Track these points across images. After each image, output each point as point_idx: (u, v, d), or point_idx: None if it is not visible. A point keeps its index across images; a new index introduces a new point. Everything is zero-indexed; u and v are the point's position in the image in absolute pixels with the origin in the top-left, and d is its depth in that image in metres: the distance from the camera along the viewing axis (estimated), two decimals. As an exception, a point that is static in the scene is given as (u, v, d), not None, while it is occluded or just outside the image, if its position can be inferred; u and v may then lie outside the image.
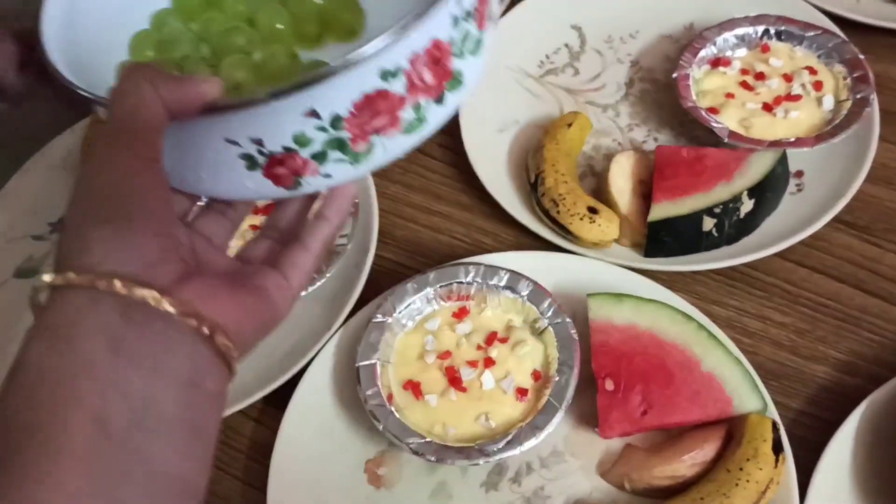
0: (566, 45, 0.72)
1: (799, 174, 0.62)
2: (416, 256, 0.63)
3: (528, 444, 0.50)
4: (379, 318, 0.56)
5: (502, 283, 0.56)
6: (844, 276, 0.58)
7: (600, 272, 0.58)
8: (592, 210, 0.59)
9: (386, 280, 0.59)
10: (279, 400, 0.55)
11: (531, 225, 0.61)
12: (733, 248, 0.59)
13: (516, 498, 0.52)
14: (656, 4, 0.72)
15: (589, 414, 0.53)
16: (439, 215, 0.65)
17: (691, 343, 0.52)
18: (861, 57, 0.64)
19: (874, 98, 0.62)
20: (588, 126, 0.66)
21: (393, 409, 0.53)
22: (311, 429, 0.55)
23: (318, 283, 0.58)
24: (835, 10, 0.69)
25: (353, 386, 0.54)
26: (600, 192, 0.62)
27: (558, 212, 0.59)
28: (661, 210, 0.57)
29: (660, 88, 0.68)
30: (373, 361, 0.54)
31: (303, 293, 0.57)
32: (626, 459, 0.52)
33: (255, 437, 0.57)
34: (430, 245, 0.63)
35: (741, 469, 0.48)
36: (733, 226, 0.58)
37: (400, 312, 0.56)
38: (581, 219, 0.58)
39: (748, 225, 0.59)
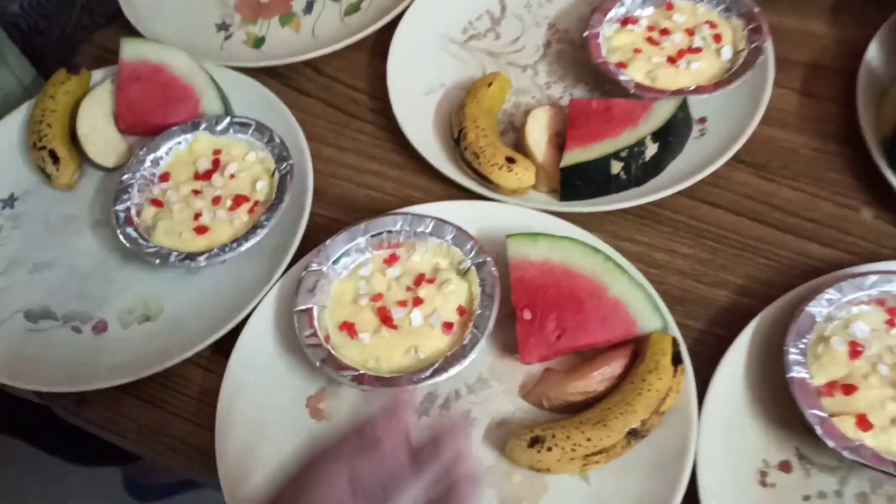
0: (488, 12, 0.77)
1: (702, 120, 0.67)
2: (350, 212, 0.67)
3: (454, 371, 0.55)
4: (314, 266, 0.60)
5: (428, 230, 0.61)
6: (743, 210, 0.64)
7: (520, 217, 0.63)
8: (510, 160, 0.63)
9: (323, 235, 0.63)
10: (225, 347, 0.59)
11: (456, 177, 0.65)
12: (642, 188, 0.64)
13: (446, 422, 0.57)
14: (571, -30, 0.77)
15: (511, 344, 0.58)
16: (372, 174, 0.69)
17: (599, 273, 0.57)
18: (756, 10, 0.69)
19: (768, 46, 0.67)
20: (507, 85, 0.70)
21: (330, 347, 0.57)
22: (255, 371, 0.59)
23: (257, 239, 0.62)
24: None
25: (293, 330, 0.58)
26: (520, 145, 0.67)
27: (479, 163, 0.64)
28: (573, 156, 0.62)
29: (575, 48, 0.73)
30: (310, 306, 0.58)
31: (242, 249, 0.61)
32: (544, 381, 0.57)
33: (205, 383, 0.61)
34: (364, 201, 0.68)
35: (643, 380, 0.53)
36: (640, 168, 0.63)
37: (334, 261, 0.61)
38: (500, 168, 0.63)
39: (654, 167, 0.64)
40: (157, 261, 0.62)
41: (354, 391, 0.58)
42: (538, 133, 0.65)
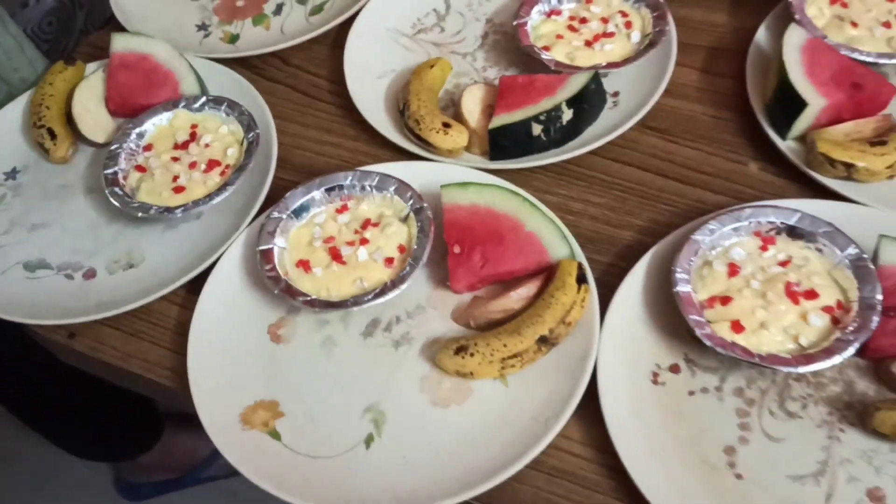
0: (434, 10, 0.88)
1: (615, 94, 0.77)
2: (310, 176, 0.76)
3: (392, 294, 0.64)
4: (275, 214, 0.69)
5: (374, 184, 0.70)
6: (648, 167, 0.73)
7: (455, 173, 0.72)
8: (446, 125, 0.73)
9: (284, 194, 0.73)
10: (198, 288, 0.68)
11: (402, 143, 0.75)
12: (561, 149, 0.73)
13: (387, 341, 0.65)
14: (506, -26, 0.88)
15: (445, 278, 0.67)
16: (330, 145, 0.79)
17: (517, 212, 0.67)
18: (661, 1, 0.80)
19: (671, 30, 0.78)
20: (448, 67, 0.80)
21: (287, 279, 0.66)
22: (223, 304, 0.68)
23: (226, 194, 0.72)
24: (647, -31, 0.85)
25: (256, 268, 0.67)
26: (457, 115, 0.77)
27: (420, 128, 0.73)
28: (499, 120, 0.72)
29: (508, 38, 0.84)
30: (270, 247, 0.68)
31: (213, 202, 0.71)
32: (471, 304, 0.66)
33: (180, 317, 0.69)
34: (322, 167, 0.77)
35: (552, 296, 0.62)
36: (558, 131, 0.73)
37: (293, 211, 0.70)
38: (437, 132, 0.73)
39: (571, 131, 0.74)
40: (140, 213, 0.71)
41: (308, 319, 0.67)
42: (472, 104, 0.76)
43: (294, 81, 0.85)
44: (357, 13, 0.86)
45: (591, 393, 0.60)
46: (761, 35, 0.78)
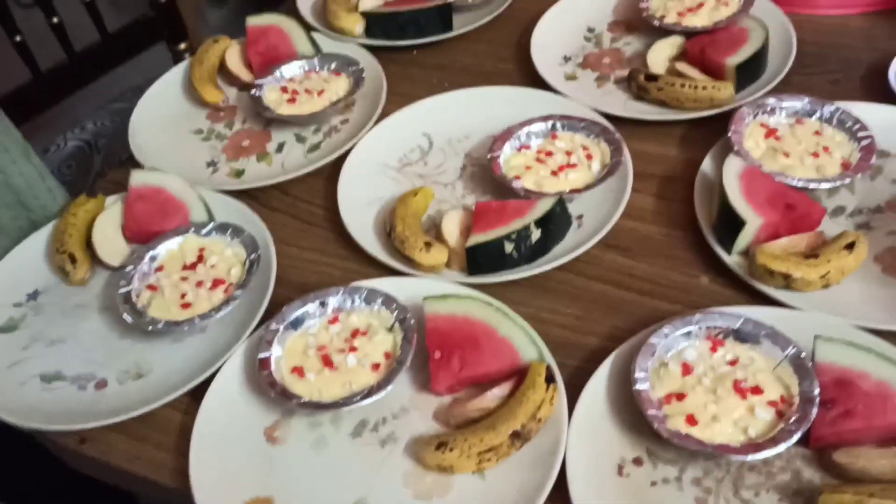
0: (419, 146, 0.98)
1: (580, 216, 0.86)
2: (305, 292, 0.84)
3: (378, 396, 0.70)
4: (273, 326, 0.77)
5: (363, 297, 0.78)
6: (610, 280, 0.81)
7: (437, 287, 0.80)
8: (428, 244, 0.82)
9: (282, 308, 0.80)
10: (201, 395, 0.75)
11: (389, 262, 0.84)
12: (532, 265, 0.82)
13: (374, 440, 0.71)
14: (481, 115, 0.99)
15: (427, 382, 0.73)
16: (324, 265, 0.88)
17: (491, 320, 0.74)
18: (618, 136, 0.90)
19: (626, 161, 0.88)
20: (430, 195, 0.90)
21: (283, 384, 0.73)
22: (223, 409, 0.74)
23: (229, 309, 0.79)
24: (606, 109, 0.96)
25: (255, 375, 0.74)
26: (438, 236, 0.85)
27: (405, 248, 0.82)
28: (475, 239, 0.81)
29: (483, 170, 0.94)
30: (268, 354, 0.75)
31: (217, 316, 0.78)
32: (451, 404, 0.72)
33: (183, 422, 0.75)
34: (316, 283, 0.85)
35: (524, 395, 0.68)
36: (528, 249, 0.81)
37: (290, 323, 0.77)
38: (420, 250, 0.81)
39: (540, 249, 0.82)
40: (150, 328, 0.79)
41: (301, 421, 0.73)
42: (452, 226, 0.84)
43: (293, 210, 0.94)
44: (350, 150, 0.96)
45: (562, 484, 0.65)
46: (706, 165, 0.88)
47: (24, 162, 0.96)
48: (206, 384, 0.75)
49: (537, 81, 1.03)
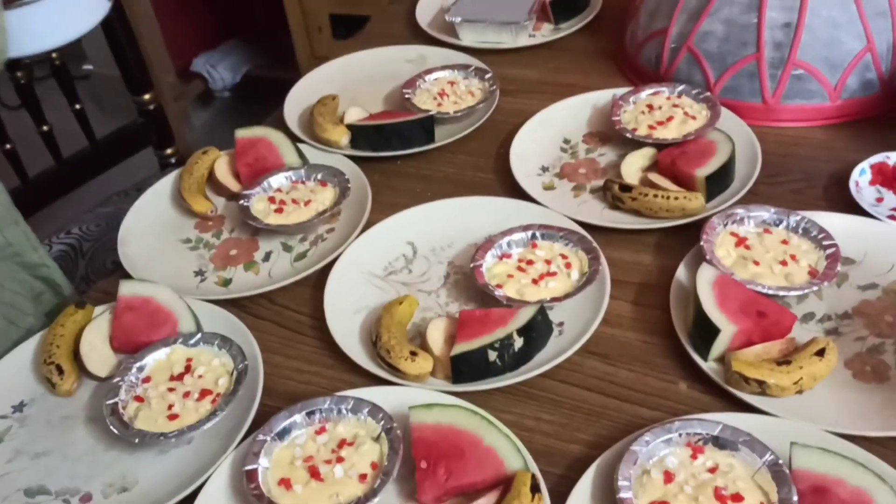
0: (403, 255, 1.01)
1: (561, 324, 0.89)
2: (293, 402, 0.85)
3: (365, 509, 0.71)
4: (261, 437, 0.77)
5: (349, 407, 0.79)
6: (591, 387, 0.83)
7: (423, 396, 0.81)
8: (413, 353, 0.84)
9: (269, 418, 0.81)
10: (187, 508, 0.75)
11: (375, 370, 0.85)
12: (515, 372, 0.84)
13: (361, 554, 0.71)
14: (464, 224, 1.03)
15: (414, 491, 0.74)
16: (310, 373, 0.89)
17: (477, 429, 0.75)
18: (595, 245, 0.94)
19: (604, 268, 0.91)
20: (415, 304, 0.92)
21: (269, 497, 0.73)
22: (210, 522, 0.74)
23: (216, 420, 0.80)
24: (583, 219, 1.00)
25: (242, 489, 0.74)
26: (423, 344, 0.87)
27: (391, 357, 0.84)
28: (459, 348, 0.83)
29: (466, 278, 0.97)
30: (255, 467, 0.75)
31: (204, 428, 0.79)
32: (437, 516, 0.72)
33: (168, 537, 0.75)
34: (303, 393, 0.86)
35: (509, 505, 0.69)
36: (511, 357, 0.83)
37: (277, 433, 0.78)
38: (405, 360, 0.83)
39: (523, 356, 0.84)
40: (136, 440, 0.79)
41: (289, 533, 0.73)
42: (436, 335, 0.87)
43: (279, 318, 0.96)
44: (336, 259, 0.99)
45: None
46: (681, 272, 0.92)
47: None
48: (192, 497, 0.75)
49: (517, 191, 1.07)
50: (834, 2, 1.10)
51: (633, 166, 1.08)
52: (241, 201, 1.07)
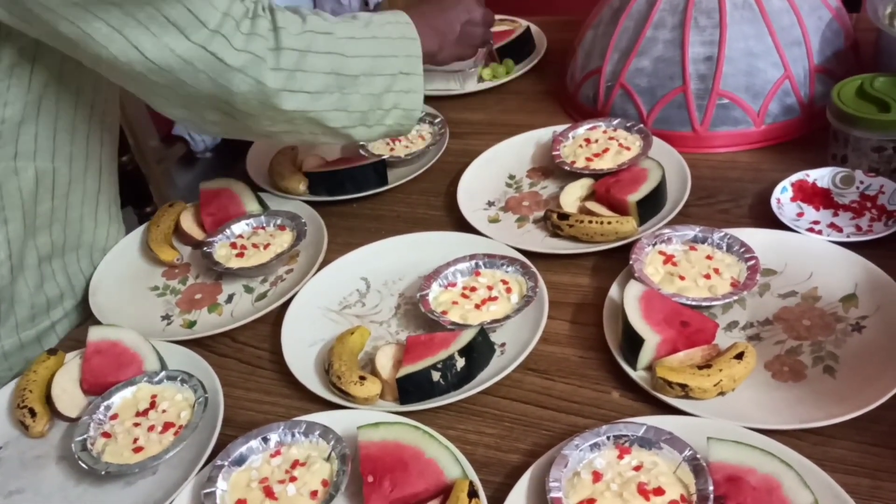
0: (357, 290, 1.07)
1: (503, 344, 0.95)
2: (251, 430, 0.90)
3: (315, 522, 0.76)
4: (219, 462, 0.82)
5: (302, 431, 0.85)
6: (530, 401, 0.89)
7: (371, 417, 0.86)
8: (362, 378, 0.89)
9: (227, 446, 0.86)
10: (151, 533, 0.79)
11: (328, 397, 0.90)
12: (458, 391, 0.89)
13: (313, 565, 0.76)
14: (414, 258, 1.09)
15: (362, 505, 0.79)
16: (268, 404, 0.94)
17: (418, 442, 0.81)
18: (533, 270, 1.00)
19: (542, 291, 0.97)
20: (366, 334, 0.98)
21: (227, 517, 0.78)
22: (172, 544, 0.79)
23: (177, 450, 0.85)
24: (526, 247, 1.06)
25: (201, 510, 0.79)
26: (374, 372, 0.93)
27: (341, 382, 0.89)
28: (404, 370, 0.88)
29: (416, 307, 1.02)
30: (213, 490, 0.80)
31: (167, 457, 0.84)
32: (384, 525, 0.77)
33: (133, 561, 0.79)
34: (261, 421, 0.91)
35: (448, 511, 0.74)
36: (454, 376, 0.89)
37: (234, 460, 0.83)
38: (354, 384, 0.89)
39: (466, 376, 0.90)
40: (103, 472, 0.84)
41: (246, 551, 0.78)
42: (385, 360, 0.92)
43: (240, 355, 1.02)
44: (293, 296, 1.05)
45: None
46: (613, 291, 0.98)
47: None
48: (155, 522, 0.80)
49: (464, 225, 1.14)
50: (751, 34, 1.19)
51: (572, 196, 1.15)
52: (205, 248, 1.14)
